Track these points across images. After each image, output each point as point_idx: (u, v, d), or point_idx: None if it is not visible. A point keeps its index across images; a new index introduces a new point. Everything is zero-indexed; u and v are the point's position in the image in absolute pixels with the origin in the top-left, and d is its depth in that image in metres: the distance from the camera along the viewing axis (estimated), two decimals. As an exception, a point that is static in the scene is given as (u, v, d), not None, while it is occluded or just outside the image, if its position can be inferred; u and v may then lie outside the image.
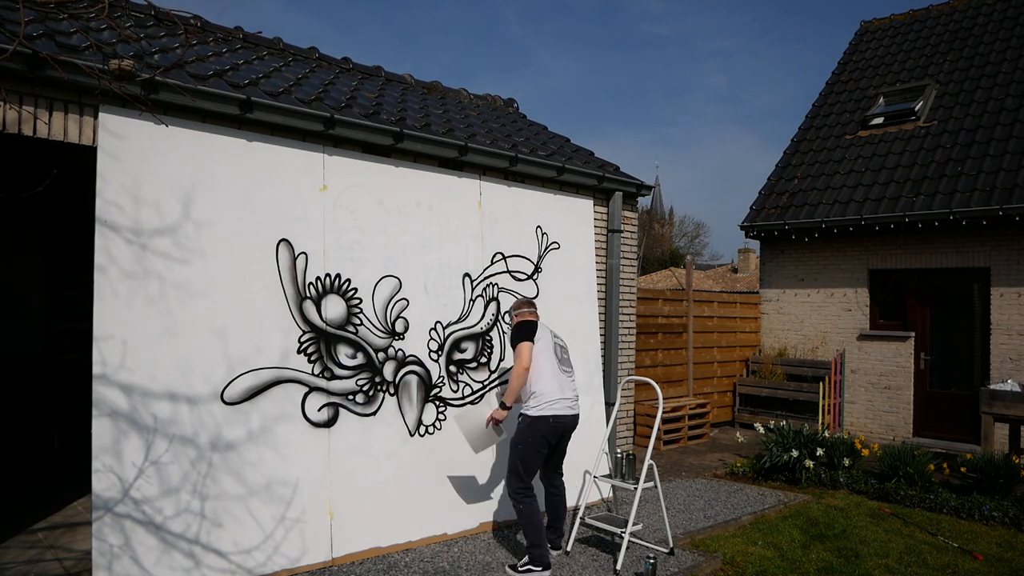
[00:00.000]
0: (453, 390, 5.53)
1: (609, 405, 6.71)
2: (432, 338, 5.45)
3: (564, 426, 4.75)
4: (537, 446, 4.65)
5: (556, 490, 5.05)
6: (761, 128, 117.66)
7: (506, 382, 5.86)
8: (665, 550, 5.06)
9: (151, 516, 4.03)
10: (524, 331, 4.73)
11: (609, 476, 5.49)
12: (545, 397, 4.67)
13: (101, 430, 3.94)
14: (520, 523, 4.66)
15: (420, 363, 5.35)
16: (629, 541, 4.86)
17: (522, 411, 4.76)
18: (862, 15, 61.48)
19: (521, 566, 4.60)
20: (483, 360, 5.75)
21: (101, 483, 3.91)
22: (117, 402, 4.01)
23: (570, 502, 5.67)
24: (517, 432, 4.74)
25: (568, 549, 5.06)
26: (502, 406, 4.74)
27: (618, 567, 4.72)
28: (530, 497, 4.64)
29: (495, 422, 4.83)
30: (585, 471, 5.99)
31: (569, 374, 4.90)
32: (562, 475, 5.07)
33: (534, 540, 4.58)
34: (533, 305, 5.08)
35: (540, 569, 4.57)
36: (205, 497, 4.23)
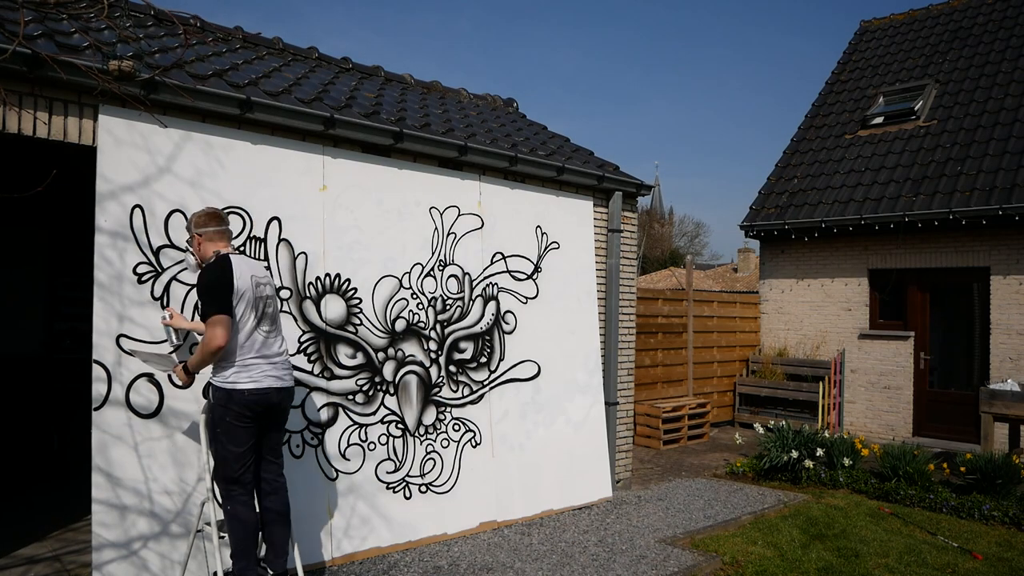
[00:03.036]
0: (453, 390, 5.53)
1: (609, 405, 6.72)
2: (432, 338, 5.45)
3: (268, 401, 3.76)
4: (239, 425, 3.68)
5: (268, 486, 3.94)
6: (757, 127, 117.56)
7: (507, 382, 5.87)
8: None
9: (151, 516, 4.03)
10: (219, 290, 3.61)
11: None
12: (238, 364, 3.68)
13: (101, 436, 3.94)
14: (228, 530, 3.76)
15: (420, 363, 5.35)
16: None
17: (210, 381, 3.75)
18: (862, 15, 61.51)
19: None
20: (483, 360, 5.75)
21: (100, 490, 3.91)
22: (119, 408, 4.01)
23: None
24: (210, 410, 3.77)
25: None
26: (185, 369, 3.75)
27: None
28: (239, 498, 3.74)
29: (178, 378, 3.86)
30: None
31: (273, 333, 3.85)
32: (277, 467, 3.98)
33: (234, 549, 3.70)
34: (222, 220, 3.89)
35: None
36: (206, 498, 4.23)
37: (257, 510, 3.85)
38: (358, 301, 5.03)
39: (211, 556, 3.95)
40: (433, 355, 5.45)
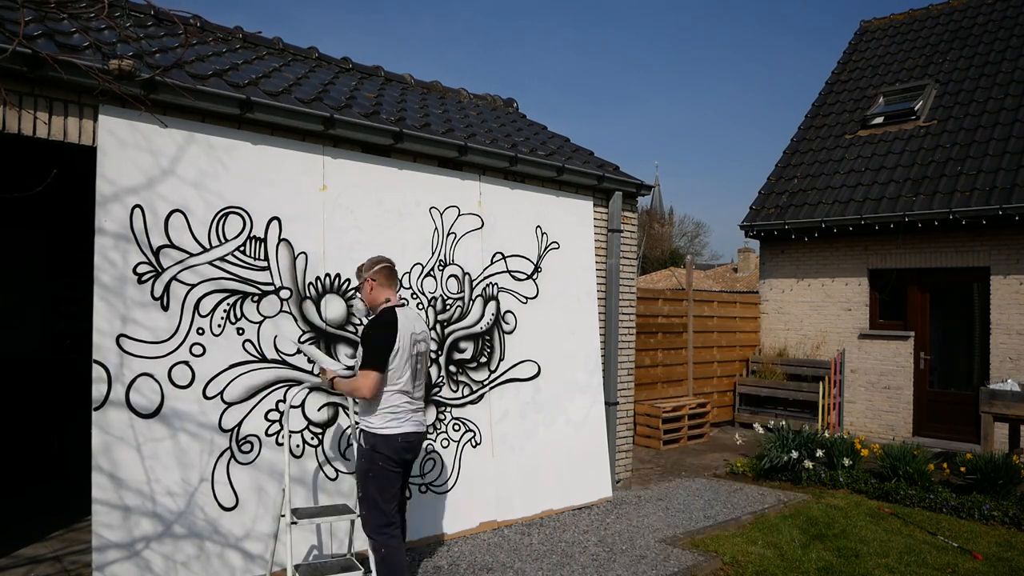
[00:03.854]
0: (453, 390, 5.53)
1: (609, 405, 6.72)
2: (432, 338, 5.45)
3: (414, 446, 3.97)
4: (388, 468, 3.86)
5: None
6: (758, 127, 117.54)
7: (507, 382, 5.87)
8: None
9: (153, 516, 4.04)
10: (380, 345, 3.81)
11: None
12: (391, 414, 3.86)
13: (101, 437, 3.94)
14: (380, 572, 3.84)
15: (420, 363, 5.35)
16: None
17: (362, 428, 3.91)
18: (862, 15, 61.49)
19: None
20: (483, 360, 5.75)
21: (101, 490, 3.92)
22: (119, 408, 4.01)
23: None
24: (361, 456, 3.92)
25: None
26: (332, 383, 4.05)
27: None
28: (394, 537, 3.89)
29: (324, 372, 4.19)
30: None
31: (419, 385, 4.05)
32: (405, 504, 4.23)
33: None
34: (393, 270, 4.08)
35: None
36: (208, 498, 4.23)
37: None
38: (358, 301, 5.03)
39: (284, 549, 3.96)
40: (433, 355, 5.44)
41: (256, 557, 4.35)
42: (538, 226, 6.26)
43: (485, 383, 5.75)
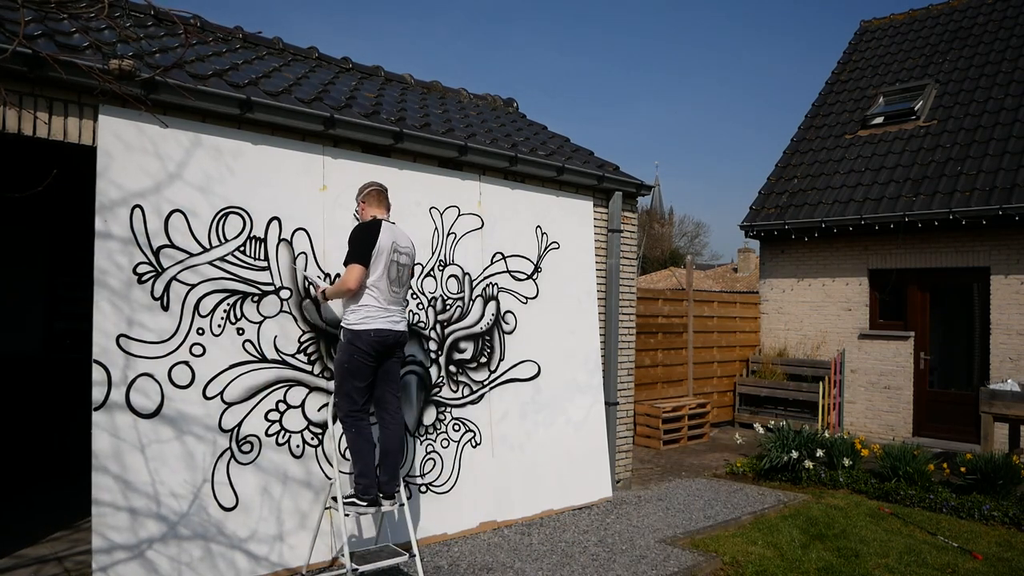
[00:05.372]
0: (453, 390, 5.53)
1: (609, 405, 6.72)
2: (432, 338, 5.45)
3: (385, 341, 4.36)
4: (362, 360, 4.31)
5: (388, 416, 4.55)
6: (757, 127, 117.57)
7: (507, 382, 5.88)
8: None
9: (155, 517, 4.04)
10: (361, 244, 4.27)
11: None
12: (366, 312, 4.30)
13: (101, 436, 3.94)
14: (349, 449, 4.39)
15: (419, 363, 5.35)
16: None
17: (342, 326, 4.40)
18: (862, 15, 61.47)
19: (346, 498, 4.31)
20: (483, 360, 5.75)
21: (100, 491, 3.91)
22: (119, 408, 4.01)
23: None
24: (339, 350, 4.43)
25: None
26: (323, 293, 4.51)
27: None
28: (362, 421, 4.36)
29: (315, 288, 4.69)
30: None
31: (398, 294, 4.47)
32: (397, 400, 4.57)
33: (359, 469, 4.31)
34: (382, 193, 4.59)
35: (365, 504, 4.30)
36: (209, 498, 4.23)
37: (375, 438, 4.47)
38: (358, 301, 5.02)
39: (337, 532, 4.55)
40: (433, 355, 5.45)
41: (260, 558, 4.35)
42: (538, 226, 6.26)
43: (485, 383, 5.75)
